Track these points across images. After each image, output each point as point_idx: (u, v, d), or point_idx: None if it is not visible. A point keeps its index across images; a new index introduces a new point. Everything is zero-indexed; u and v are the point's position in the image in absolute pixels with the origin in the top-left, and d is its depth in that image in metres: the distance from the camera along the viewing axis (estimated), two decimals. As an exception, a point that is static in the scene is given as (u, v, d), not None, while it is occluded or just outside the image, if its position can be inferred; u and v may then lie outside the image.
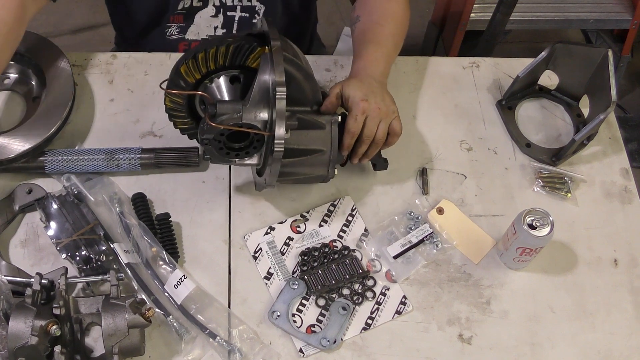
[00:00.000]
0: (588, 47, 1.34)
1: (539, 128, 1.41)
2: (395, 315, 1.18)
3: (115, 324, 1.02)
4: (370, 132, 1.16)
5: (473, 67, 1.48)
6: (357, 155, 1.20)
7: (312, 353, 1.13)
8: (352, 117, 1.15)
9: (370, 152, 1.20)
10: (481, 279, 1.22)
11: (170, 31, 1.45)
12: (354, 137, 1.16)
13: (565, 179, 1.33)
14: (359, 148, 1.19)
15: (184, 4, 1.40)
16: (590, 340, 1.18)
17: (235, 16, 1.43)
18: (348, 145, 1.17)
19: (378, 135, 1.17)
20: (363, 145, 1.18)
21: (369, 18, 1.32)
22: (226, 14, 1.42)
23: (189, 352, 1.11)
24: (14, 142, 1.21)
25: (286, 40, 1.14)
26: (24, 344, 0.97)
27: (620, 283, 1.24)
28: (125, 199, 1.23)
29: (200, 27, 1.45)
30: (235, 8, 1.42)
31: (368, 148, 1.19)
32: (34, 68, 1.32)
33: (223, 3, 1.41)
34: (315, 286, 1.18)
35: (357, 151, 1.19)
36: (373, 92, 1.17)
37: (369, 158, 1.22)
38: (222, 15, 1.43)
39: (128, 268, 1.14)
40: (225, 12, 1.42)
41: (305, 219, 1.26)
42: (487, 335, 1.17)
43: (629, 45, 2.49)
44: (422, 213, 1.27)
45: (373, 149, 1.20)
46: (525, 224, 1.14)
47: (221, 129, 1.06)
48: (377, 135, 1.17)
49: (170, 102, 1.17)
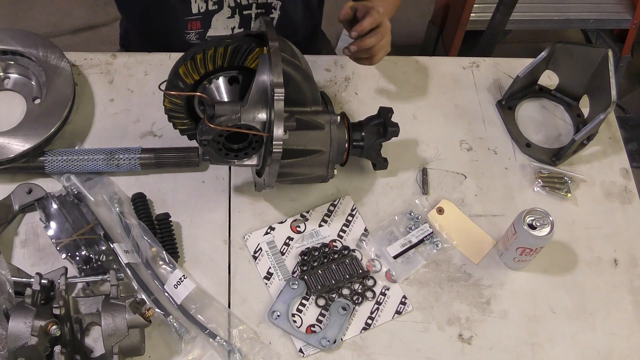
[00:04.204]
0: (588, 47, 1.34)
1: (539, 128, 1.41)
2: (395, 315, 1.18)
3: (115, 324, 1.02)
4: (385, 29, 1.20)
5: (473, 67, 1.48)
6: (361, 26, 1.19)
7: (312, 353, 1.13)
8: (375, 11, 1.19)
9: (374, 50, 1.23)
10: (481, 279, 1.22)
11: (189, 37, 1.45)
12: (373, 24, 1.18)
13: (565, 179, 1.33)
14: (368, 39, 1.20)
15: (199, 8, 1.39)
16: (590, 340, 1.18)
17: (251, 14, 1.43)
18: (364, 28, 1.18)
19: (385, 40, 1.22)
20: (377, 35, 1.20)
21: None
22: (242, 14, 1.42)
23: (189, 352, 1.11)
24: (14, 142, 1.21)
25: (285, 40, 1.14)
26: (24, 344, 0.97)
27: (620, 283, 1.24)
28: (125, 199, 1.23)
29: (218, 30, 1.45)
30: (250, 6, 1.42)
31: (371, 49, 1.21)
32: (33, 68, 1.32)
33: (238, 3, 1.41)
34: (315, 286, 1.18)
35: (365, 41, 1.20)
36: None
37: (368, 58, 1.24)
38: (238, 16, 1.43)
39: (128, 268, 1.14)
40: (241, 12, 1.42)
41: (305, 219, 1.26)
42: (487, 335, 1.17)
43: (629, 45, 2.49)
44: (422, 213, 1.27)
45: (378, 49, 1.22)
46: (525, 224, 1.14)
47: (220, 130, 1.06)
48: (384, 39, 1.21)
49: (169, 103, 1.17)
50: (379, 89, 1.42)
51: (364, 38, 1.20)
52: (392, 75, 1.45)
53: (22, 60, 1.33)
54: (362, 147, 1.22)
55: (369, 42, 1.20)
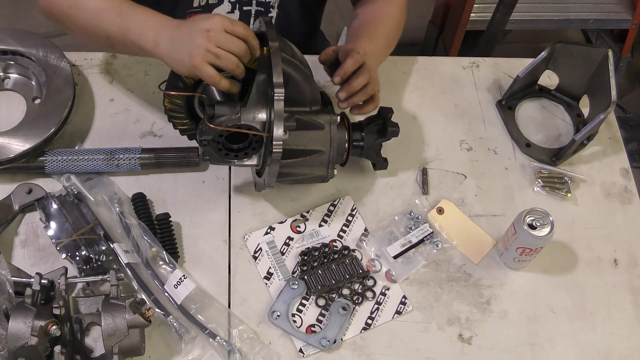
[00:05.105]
0: (588, 47, 1.34)
1: (539, 128, 1.41)
2: (395, 315, 1.18)
3: (115, 324, 1.02)
4: (368, 70, 1.17)
5: (473, 67, 1.48)
6: (351, 87, 1.17)
7: (312, 353, 1.13)
8: (355, 52, 1.17)
9: (357, 98, 1.19)
10: (481, 279, 1.22)
11: None
12: (355, 65, 1.16)
13: (565, 179, 1.33)
14: (354, 81, 1.17)
15: (200, 1, 1.39)
16: (590, 340, 1.18)
17: (251, 10, 1.43)
18: (346, 71, 1.16)
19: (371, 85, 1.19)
20: (364, 74, 1.17)
21: (367, 16, 1.35)
22: (242, 9, 1.42)
23: (189, 352, 1.11)
24: (14, 142, 1.21)
25: (285, 40, 1.14)
26: (24, 344, 0.97)
27: (620, 283, 1.24)
28: (125, 199, 1.23)
29: None
30: (250, 2, 1.41)
31: (357, 93, 1.18)
32: (33, 68, 1.32)
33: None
34: (315, 286, 1.18)
35: (352, 83, 1.17)
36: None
37: (353, 102, 1.19)
38: (238, 11, 1.42)
39: (128, 268, 1.14)
40: (241, 7, 1.42)
41: (305, 219, 1.26)
42: (487, 335, 1.17)
43: (629, 45, 2.49)
44: (422, 213, 1.27)
45: (361, 95, 1.19)
46: (525, 224, 1.14)
47: (220, 130, 1.06)
48: (370, 83, 1.18)
49: (169, 103, 1.17)
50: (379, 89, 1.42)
51: (350, 81, 1.17)
52: (392, 75, 1.45)
53: (22, 60, 1.33)
54: (362, 147, 1.22)
55: (357, 84, 1.17)
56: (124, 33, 1.11)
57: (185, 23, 1.08)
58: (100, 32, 1.14)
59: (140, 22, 1.10)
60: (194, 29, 1.04)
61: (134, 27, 1.10)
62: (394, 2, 1.37)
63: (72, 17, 1.17)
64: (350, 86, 1.17)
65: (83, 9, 1.15)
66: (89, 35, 1.18)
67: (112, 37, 1.13)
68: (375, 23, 1.33)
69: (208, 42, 1.02)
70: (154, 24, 1.09)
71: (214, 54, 1.03)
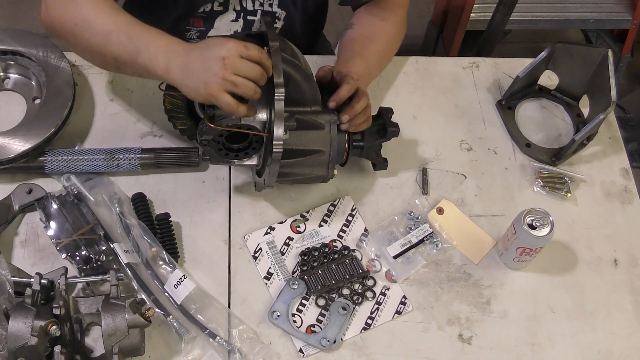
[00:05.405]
0: (588, 47, 1.34)
1: (539, 128, 1.41)
2: (395, 315, 1.18)
3: (115, 324, 1.02)
4: (363, 93, 1.18)
5: (473, 67, 1.48)
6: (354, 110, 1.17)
7: (312, 353, 1.13)
8: (350, 77, 1.17)
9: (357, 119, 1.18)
10: (481, 279, 1.22)
11: (190, 35, 1.45)
12: (350, 91, 1.16)
13: (565, 179, 1.33)
14: (356, 104, 1.17)
15: (205, 7, 1.39)
16: (590, 340, 1.18)
17: (255, 20, 1.43)
18: (342, 97, 1.16)
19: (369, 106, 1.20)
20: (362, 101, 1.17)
21: (362, 30, 1.36)
22: (246, 19, 1.42)
23: (189, 352, 1.11)
24: (14, 142, 1.21)
25: (285, 40, 1.14)
26: (24, 344, 0.97)
27: (620, 283, 1.24)
28: (125, 199, 1.23)
29: (220, 31, 1.44)
30: (256, 12, 1.41)
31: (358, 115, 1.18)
32: (33, 68, 1.32)
33: (244, 7, 1.40)
34: (315, 286, 1.18)
35: (354, 107, 1.17)
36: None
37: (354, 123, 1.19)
38: (242, 20, 1.42)
39: (128, 268, 1.14)
40: (246, 17, 1.41)
41: (305, 219, 1.26)
42: (487, 335, 1.17)
43: (629, 45, 2.49)
44: (422, 213, 1.27)
45: (361, 116, 1.19)
46: (525, 224, 1.14)
47: (220, 130, 1.06)
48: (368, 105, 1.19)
49: (169, 103, 1.17)
50: (379, 89, 1.42)
51: (352, 104, 1.17)
52: (392, 75, 1.45)
53: (22, 60, 1.33)
54: (362, 147, 1.22)
55: (359, 107, 1.17)
56: (133, 56, 1.07)
57: (197, 48, 1.04)
58: (108, 54, 1.10)
59: (150, 46, 1.06)
60: (209, 56, 1.01)
61: (143, 51, 1.06)
62: (390, 18, 1.37)
63: (77, 37, 1.12)
64: (353, 109, 1.17)
65: (89, 29, 1.10)
66: (95, 57, 1.15)
67: (120, 60, 1.09)
68: (369, 40, 1.34)
69: (225, 70, 1.00)
70: (163, 48, 1.06)
71: (231, 82, 1.00)
